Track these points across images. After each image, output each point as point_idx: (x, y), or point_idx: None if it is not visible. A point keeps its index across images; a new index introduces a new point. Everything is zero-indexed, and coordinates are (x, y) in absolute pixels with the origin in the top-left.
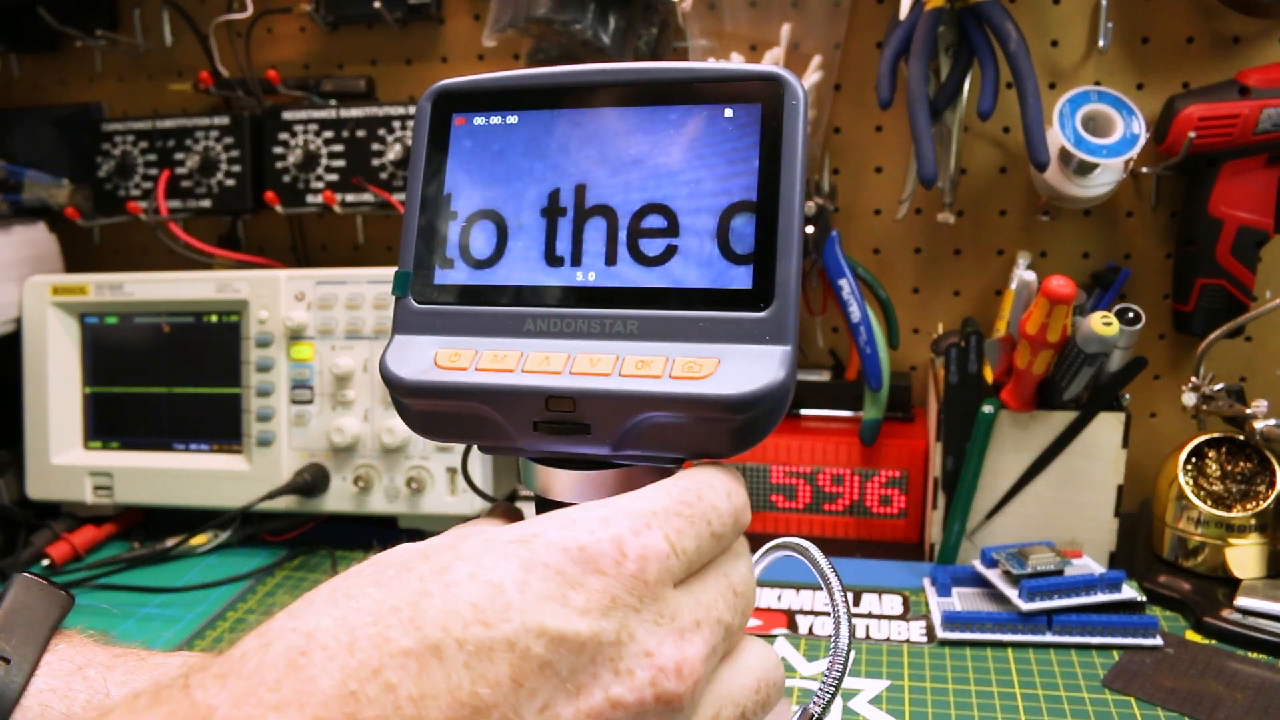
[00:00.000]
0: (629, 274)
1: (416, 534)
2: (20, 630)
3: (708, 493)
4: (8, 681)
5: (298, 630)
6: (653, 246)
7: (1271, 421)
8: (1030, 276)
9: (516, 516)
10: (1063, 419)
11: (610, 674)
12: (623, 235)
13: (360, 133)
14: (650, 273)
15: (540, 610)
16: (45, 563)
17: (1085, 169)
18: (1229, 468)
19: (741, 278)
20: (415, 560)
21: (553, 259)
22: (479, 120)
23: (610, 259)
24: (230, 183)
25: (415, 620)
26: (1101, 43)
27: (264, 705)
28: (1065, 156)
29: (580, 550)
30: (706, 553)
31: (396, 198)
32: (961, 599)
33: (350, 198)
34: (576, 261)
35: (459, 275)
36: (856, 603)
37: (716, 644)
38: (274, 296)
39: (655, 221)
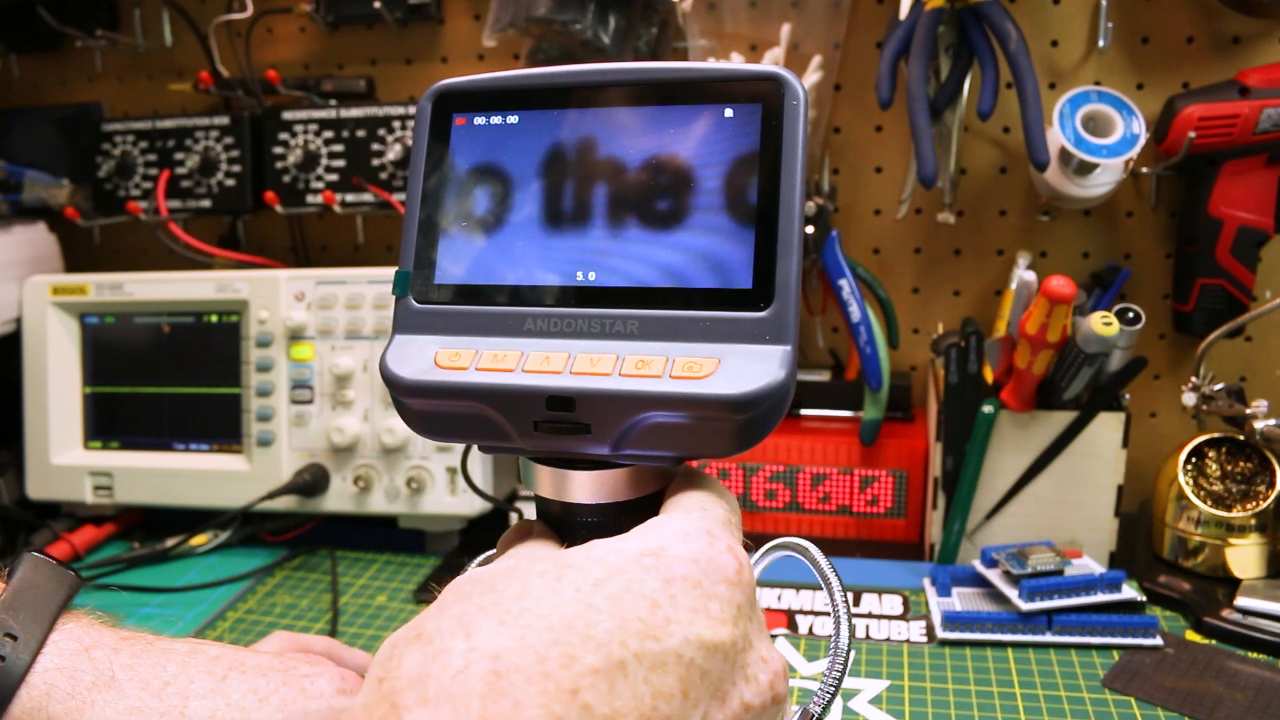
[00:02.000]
0: (630, 265)
1: (417, 534)
2: (28, 608)
3: (733, 502)
4: (15, 658)
5: (478, 651)
6: (655, 216)
7: (1271, 421)
8: (1030, 276)
9: (547, 535)
10: (1063, 419)
11: (742, 680)
12: (625, 204)
13: (360, 133)
14: (659, 243)
15: (694, 622)
16: None
17: (1085, 169)
18: (1229, 468)
19: (742, 278)
20: (561, 571)
21: (555, 226)
22: (479, 120)
23: (615, 224)
24: (230, 183)
25: (593, 636)
26: (1101, 43)
27: None
28: (1065, 156)
29: (709, 562)
30: None
31: (396, 198)
32: (961, 599)
33: (350, 198)
34: (580, 220)
35: (460, 273)
36: (856, 603)
37: None
38: (274, 296)
39: (656, 193)
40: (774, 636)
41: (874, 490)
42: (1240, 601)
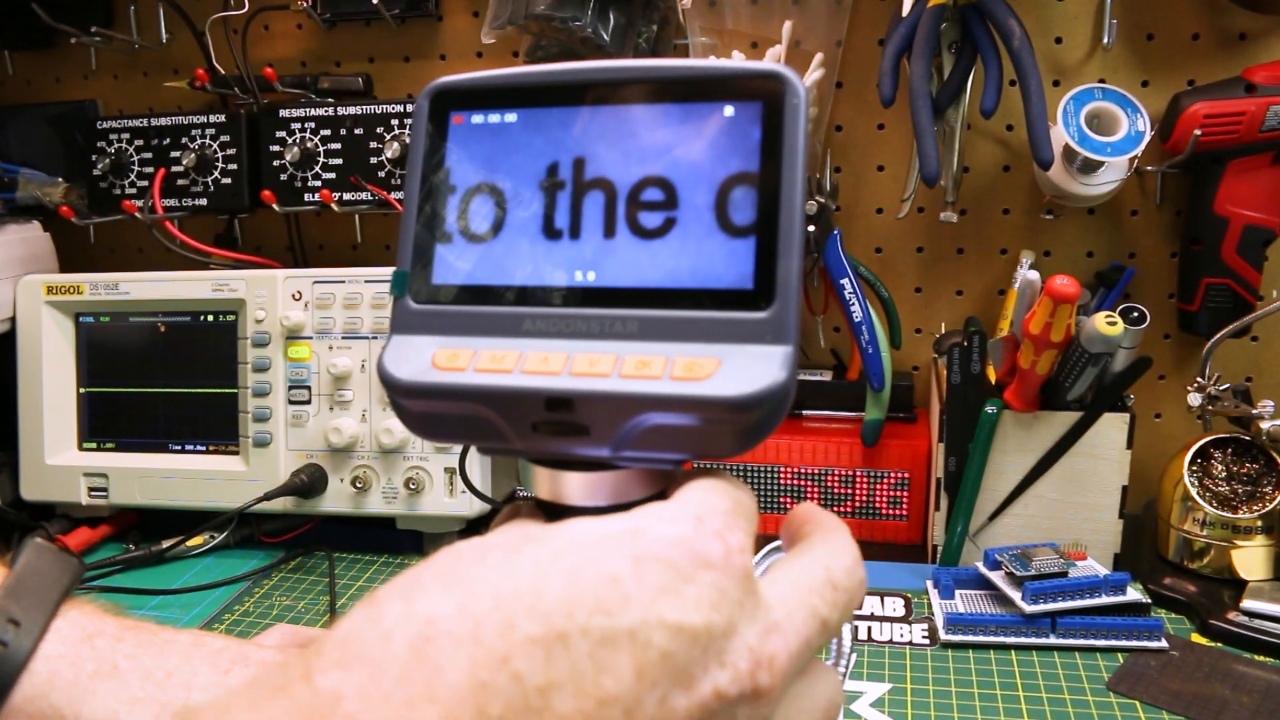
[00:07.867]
0: (628, 266)
1: (415, 535)
2: (30, 594)
3: (743, 496)
4: (17, 644)
5: (416, 615)
6: (652, 219)
7: (1278, 422)
8: (1034, 276)
9: (535, 515)
10: (1066, 419)
11: (717, 666)
12: (621, 209)
13: (358, 131)
14: (649, 251)
15: (658, 602)
16: None
17: (1089, 167)
18: (1235, 469)
19: (743, 278)
20: (522, 544)
21: (551, 232)
22: (477, 118)
23: (609, 232)
24: (227, 181)
25: (538, 606)
26: (1106, 40)
27: (393, 700)
28: (1069, 154)
29: (689, 544)
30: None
31: (394, 196)
32: (964, 601)
33: (348, 196)
34: (575, 234)
35: (458, 273)
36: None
37: (810, 637)
38: (271, 296)
39: (654, 194)
40: None
41: (875, 491)
42: (1246, 604)
